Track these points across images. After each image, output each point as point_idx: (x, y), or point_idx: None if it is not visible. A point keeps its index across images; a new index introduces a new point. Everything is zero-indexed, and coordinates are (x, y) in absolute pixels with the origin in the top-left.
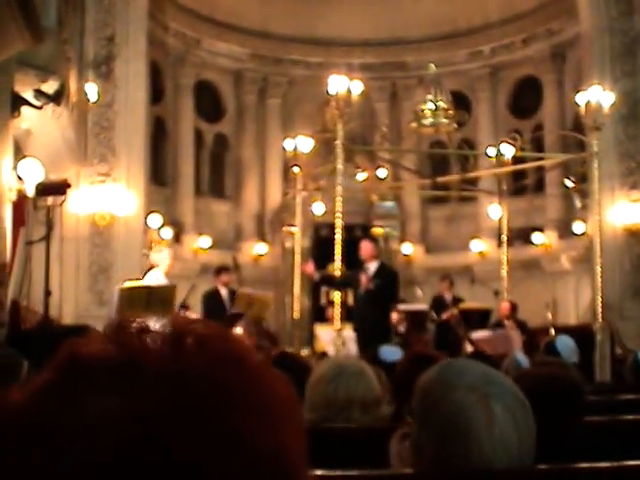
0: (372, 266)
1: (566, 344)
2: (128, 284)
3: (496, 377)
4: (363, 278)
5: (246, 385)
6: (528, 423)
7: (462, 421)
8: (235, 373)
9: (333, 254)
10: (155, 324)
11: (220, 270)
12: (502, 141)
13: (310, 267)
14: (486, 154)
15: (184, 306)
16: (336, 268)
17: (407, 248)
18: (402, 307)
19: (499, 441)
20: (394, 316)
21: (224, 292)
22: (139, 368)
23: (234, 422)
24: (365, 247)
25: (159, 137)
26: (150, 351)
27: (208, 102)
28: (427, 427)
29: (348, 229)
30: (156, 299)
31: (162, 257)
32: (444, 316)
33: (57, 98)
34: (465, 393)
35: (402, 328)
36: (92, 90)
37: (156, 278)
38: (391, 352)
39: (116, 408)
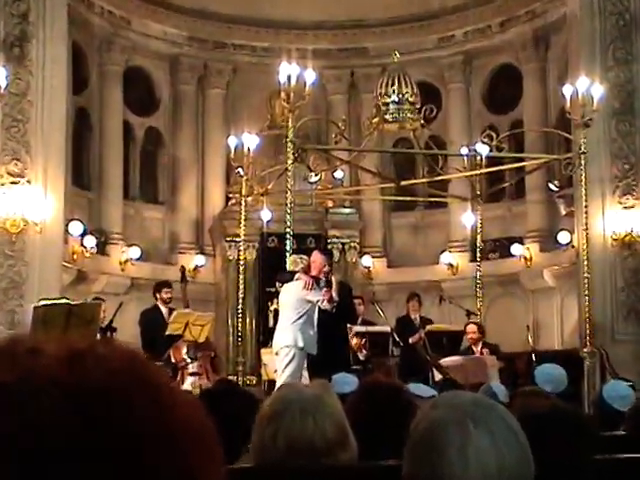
0: (322, 282)
1: (552, 372)
2: (44, 302)
3: (486, 402)
4: (324, 293)
5: (151, 409)
6: (516, 451)
7: (435, 438)
8: (139, 396)
9: (282, 267)
10: (52, 345)
11: (161, 285)
12: (476, 139)
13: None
14: (458, 154)
15: (110, 328)
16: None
17: (367, 261)
18: (361, 329)
19: (473, 462)
20: (354, 340)
21: (165, 311)
22: (30, 389)
23: (132, 445)
24: (315, 258)
25: (82, 132)
26: (41, 372)
27: (139, 92)
28: (406, 448)
29: (300, 239)
30: (77, 319)
31: None
32: (411, 339)
33: None
34: (445, 411)
35: (362, 355)
36: (1, 76)
37: None
38: (345, 382)
39: (5, 431)
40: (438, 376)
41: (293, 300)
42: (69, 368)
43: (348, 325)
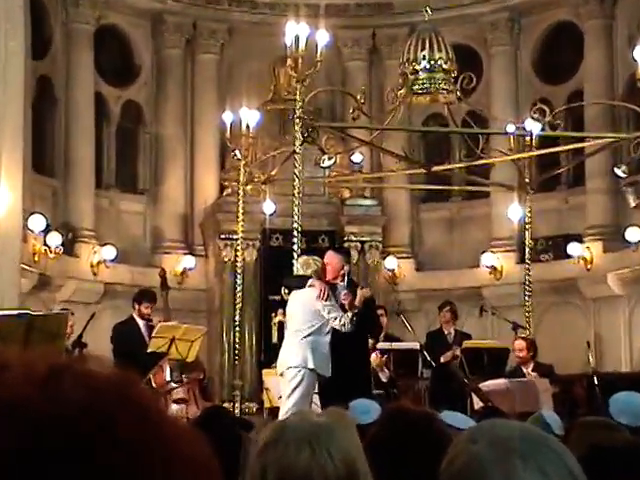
0: (340, 287)
1: (631, 401)
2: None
3: (537, 435)
4: (344, 295)
5: (138, 431)
6: None
7: (474, 478)
8: (124, 417)
9: (289, 271)
10: (23, 360)
11: (143, 296)
12: (526, 115)
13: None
14: (503, 133)
15: (79, 344)
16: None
17: (391, 263)
18: (384, 345)
19: None
20: (374, 359)
21: (142, 323)
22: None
23: (117, 471)
24: (331, 260)
25: (44, 106)
26: (11, 393)
27: (114, 57)
28: None
29: (310, 237)
30: (39, 333)
31: None
32: (444, 358)
33: None
34: (487, 446)
35: (384, 376)
36: None
37: None
38: (365, 410)
39: None
40: (478, 403)
41: (303, 311)
42: (42, 388)
43: (369, 340)
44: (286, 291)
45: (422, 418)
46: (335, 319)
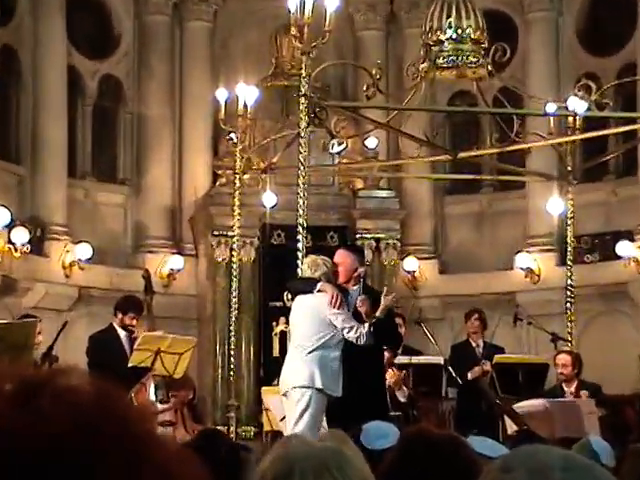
0: (353, 292)
1: None
2: None
3: (581, 464)
4: (361, 301)
5: (124, 448)
6: None
7: None
8: (109, 434)
9: (293, 273)
10: None
11: (128, 305)
12: (568, 93)
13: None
14: (541, 114)
15: (49, 356)
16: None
17: (411, 264)
18: (403, 360)
19: None
20: (391, 375)
21: (123, 335)
22: None
23: None
24: (343, 260)
25: (8, 81)
26: None
27: (90, 25)
28: None
29: (317, 233)
30: (3, 344)
31: None
32: (471, 375)
33: None
34: (522, 477)
35: (402, 395)
36: None
37: None
38: (380, 434)
39: None
40: (511, 427)
41: (311, 320)
42: (21, 407)
43: (386, 353)
44: (289, 297)
45: (446, 443)
46: (350, 330)
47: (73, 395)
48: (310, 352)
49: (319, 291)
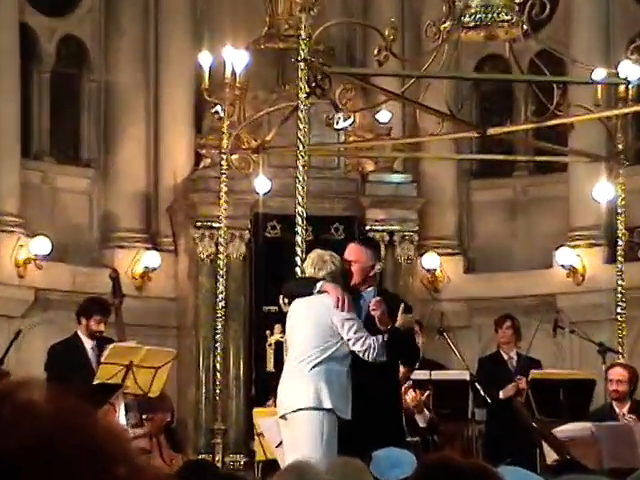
0: (367, 295)
1: None
2: None
3: None
4: (374, 304)
5: (88, 463)
6: None
7: None
8: (72, 449)
9: (290, 271)
10: None
11: (91, 307)
12: (620, 57)
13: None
14: (586, 82)
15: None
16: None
17: (431, 261)
18: (421, 375)
19: None
20: (411, 398)
21: (90, 345)
22: None
23: None
24: (357, 256)
25: None
26: None
27: None
28: None
29: (319, 225)
30: None
31: None
32: (503, 393)
33: None
34: None
35: (423, 419)
36: None
37: None
38: (396, 462)
39: None
40: (551, 455)
41: (315, 328)
42: None
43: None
44: (286, 300)
45: (473, 474)
46: (357, 341)
47: (35, 407)
48: (314, 366)
49: (320, 292)
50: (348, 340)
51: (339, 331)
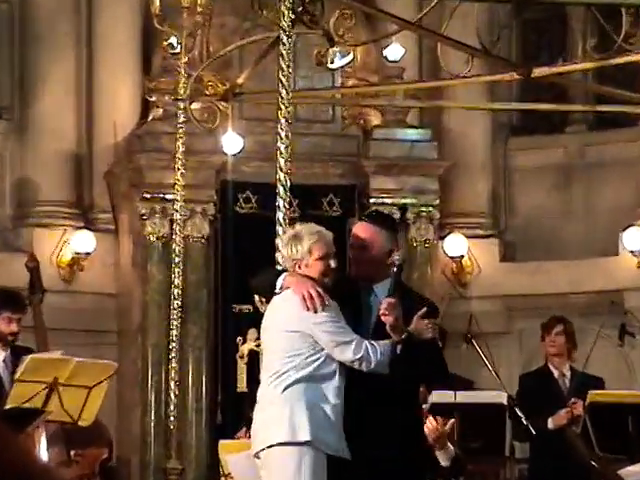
0: (379, 291)
1: None
2: None
3: None
4: (384, 307)
5: None
6: None
7: None
8: None
9: (268, 257)
10: None
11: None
12: None
13: None
14: None
15: None
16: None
17: (457, 246)
18: (443, 398)
19: None
20: (430, 429)
21: (2, 357)
22: None
23: None
24: (371, 238)
25: None
26: None
27: None
28: None
29: (307, 197)
30: None
31: None
32: (553, 422)
33: None
34: None
35: (446, 456)
36: None
37: None
38: None
39: None
40: None
41: (285, 337)
42: None
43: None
44: (261, 299)
45: None
46: (343, 346)
47: None
48: (287, 387)
49: (282, 288)
50: (332, 349)
51: (318, 338)
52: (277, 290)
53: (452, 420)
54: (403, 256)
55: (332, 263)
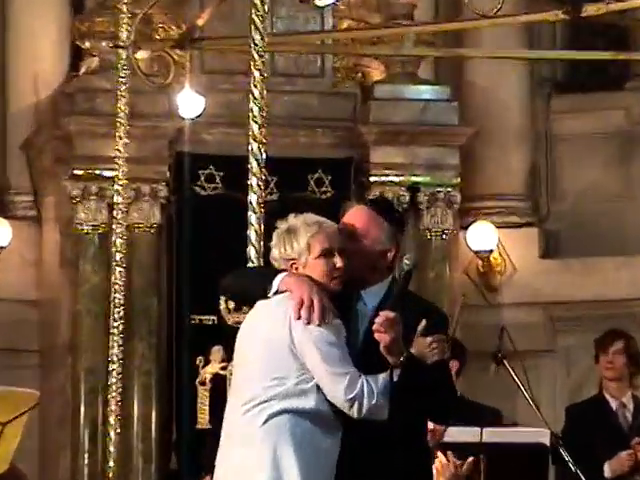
0: (369, 298)
1: None
2: None
3: None
4: (376, 323)
5: None
6: None
7: None
8: None
9: (238, 252)
10: None
11: None
12: None
13: None
14: None
15: None
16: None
17: (484, 237)
18: (464, 434)
19: None
20: (440, 470)
21: None
22: None
23: None
24: (367, 227)
25: None
26: None
27: None
28: None
29: (291, 176)
30: None
31: None
32: (610, 468)
33: None
34: None
35: None
36: None
37: None
38: None
39: None
40: None
41: (269, 357)
42: None
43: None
44: (231, 305)
45: None
46: (337, 377)
47: None
48: (269, 418)
49: (277, 292)
50: (318, 377)
51: (307, 363)
52: (271, 293)
53: (471, 458)
54: (414, 260)
55: (337, 262)
